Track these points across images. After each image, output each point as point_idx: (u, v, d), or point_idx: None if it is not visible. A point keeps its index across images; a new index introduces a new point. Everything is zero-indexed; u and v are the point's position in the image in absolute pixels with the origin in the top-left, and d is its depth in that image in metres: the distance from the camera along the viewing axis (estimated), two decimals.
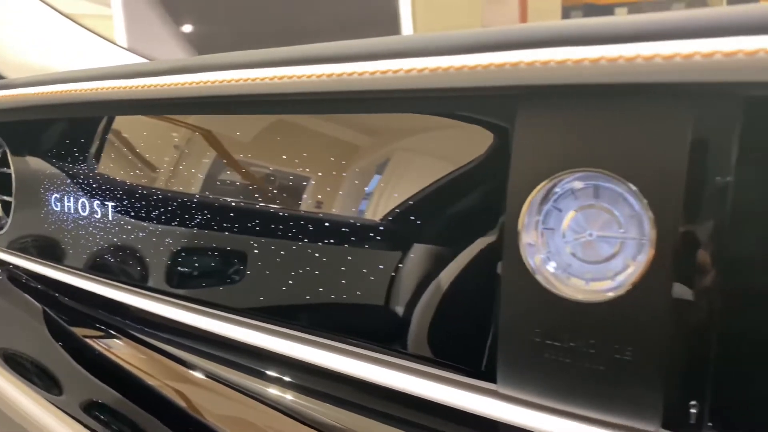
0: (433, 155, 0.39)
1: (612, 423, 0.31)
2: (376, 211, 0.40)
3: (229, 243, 0.48)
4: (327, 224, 0.41)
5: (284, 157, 0.45)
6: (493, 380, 0.34)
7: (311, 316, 0.43)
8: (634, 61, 0.27)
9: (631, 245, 0.31)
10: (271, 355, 0.45)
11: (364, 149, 0.41)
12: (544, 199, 0.33)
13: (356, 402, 0.40)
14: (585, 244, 0.32)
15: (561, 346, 0.32)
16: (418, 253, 0.38)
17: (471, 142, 0.37)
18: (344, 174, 0.41)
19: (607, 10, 2.15)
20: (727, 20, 0.25)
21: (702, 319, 0.29)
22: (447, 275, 0.37)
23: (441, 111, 0.37)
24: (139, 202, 0.54)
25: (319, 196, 0.42)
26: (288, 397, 0.43)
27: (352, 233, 0.40)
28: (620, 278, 0.31)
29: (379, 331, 0.40)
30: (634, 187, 0.30)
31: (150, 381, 0.51)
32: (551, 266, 0.33)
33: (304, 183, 0.43)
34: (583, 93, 0.30)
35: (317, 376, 0.42)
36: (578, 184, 0.32)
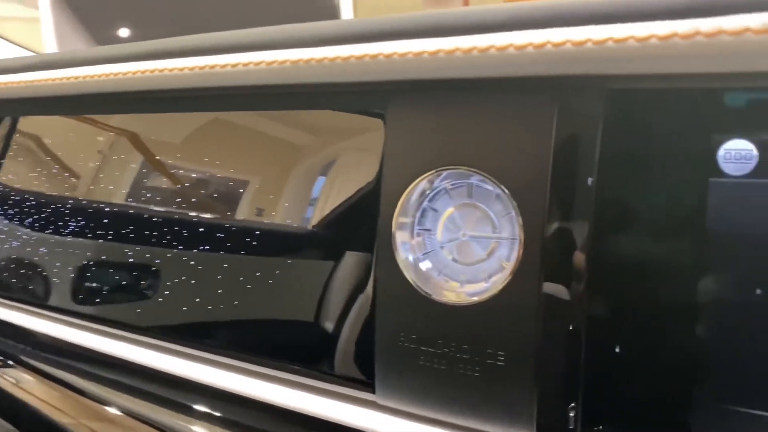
0: (317, 154, 0.37)
1: (488, 431, 0.30)
2: (258, 215, 0.37)
3: (128, 257, 0.44)
4: (202, 229, 0.39)
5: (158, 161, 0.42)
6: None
7: (183, 330, 0.41)
8: (487, 53, 0.25)
9: (505, 246, 0.30)
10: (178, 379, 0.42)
11: (245, 149, 0.39)
12: (419, 198, 0.31)
13: (227, 417, 0.37)
14: (461, 245, 0.31)
15: (435, 351, 0.30)
16: (301, 260, 0.36)
17: (354, 140, 0.35)
18: (219, 176, 0.38)
19: None
20: (576, 8, 0.24)
21: (574, 321, 0.28)
22: (333, 282, 0.35)
23: (323, 106, 0.35)
24: (36, 212, 0.50)
25: (194, 200, 0.39)
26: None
27: (228, 240, 0.38)
28: (494, 280, 0.30)
29: (259, 344, 0.37)
30: (506, 190, 0.29)
31: (53, 415, 0.47)
32: (426, 268, 0.31)
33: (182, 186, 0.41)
34: (449, 88, 0.29)
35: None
36: (450, 184, 0.31)
